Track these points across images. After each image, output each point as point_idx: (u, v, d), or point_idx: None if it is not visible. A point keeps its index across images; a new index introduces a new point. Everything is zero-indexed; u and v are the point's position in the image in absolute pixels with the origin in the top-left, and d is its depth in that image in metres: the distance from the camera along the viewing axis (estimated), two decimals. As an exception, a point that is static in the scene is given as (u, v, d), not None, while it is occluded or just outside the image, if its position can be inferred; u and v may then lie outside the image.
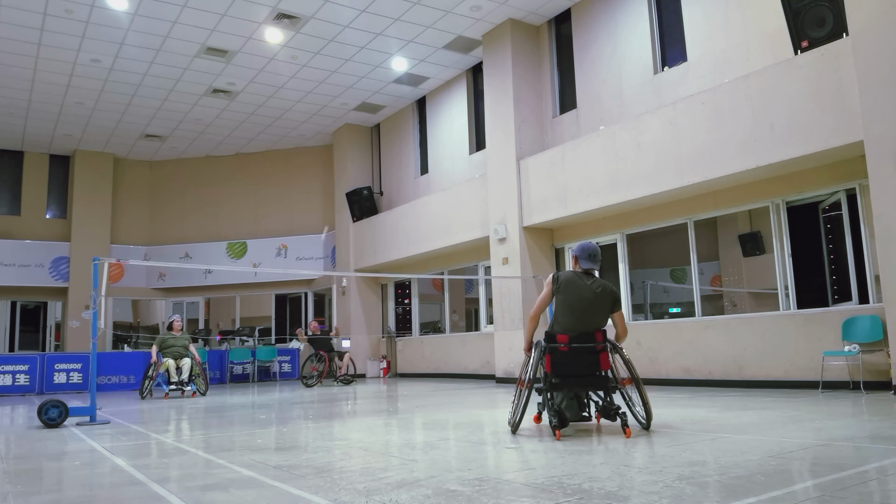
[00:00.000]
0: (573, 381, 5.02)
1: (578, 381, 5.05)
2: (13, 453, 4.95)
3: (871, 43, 7.02)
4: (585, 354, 4.97)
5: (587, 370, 5.00)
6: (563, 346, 4.91)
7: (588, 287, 5.04)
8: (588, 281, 5.08)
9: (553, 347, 4.92)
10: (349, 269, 16.32)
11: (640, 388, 4.93)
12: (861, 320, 7.68)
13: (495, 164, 12.16)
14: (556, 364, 4.91)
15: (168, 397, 10.94)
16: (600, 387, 5.04)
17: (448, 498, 2.96)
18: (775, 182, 8.80)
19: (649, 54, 10.49)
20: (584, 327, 4.98)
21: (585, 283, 5.06)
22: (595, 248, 5.21)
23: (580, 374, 5.01)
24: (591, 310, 5.02)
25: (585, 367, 5.00)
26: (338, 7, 11.27)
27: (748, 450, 3.94)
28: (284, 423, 6.44)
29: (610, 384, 5.00)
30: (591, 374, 5.02)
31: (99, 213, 18.08)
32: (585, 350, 4.96)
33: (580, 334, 4.95)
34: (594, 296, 5.02)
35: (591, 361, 4.99)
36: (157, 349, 11.34)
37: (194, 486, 3.44)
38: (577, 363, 4.97)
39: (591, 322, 5.01)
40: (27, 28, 11.54)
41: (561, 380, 4.95)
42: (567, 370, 4.95)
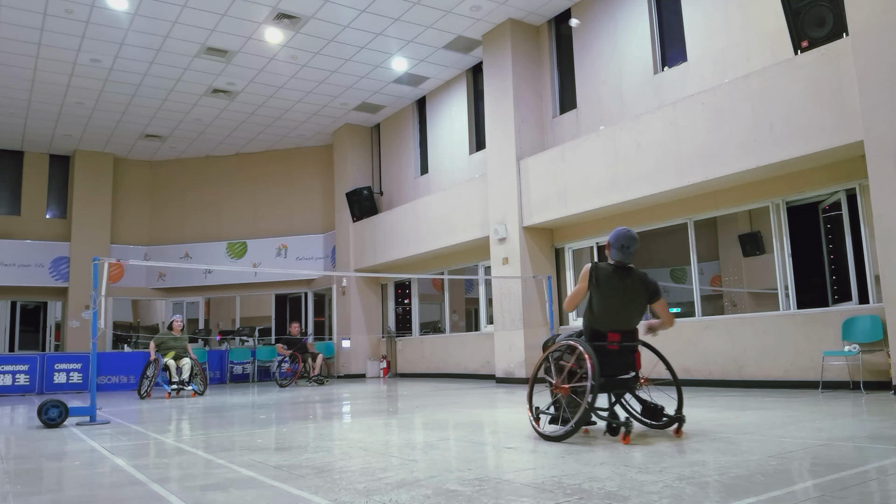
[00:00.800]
0: (614, 382, 4.66)
1: (618, 383, 4.70)
2: (13, 453, 4.95)
3: (871, 43, 7.02)
4: (627, 354, 4.73)
5: (623, 370, 4.73)
6: (613, 345, 4.63)
7: (626, 283, 4.72)
8: (624, 277, 4.73)
9: (600, 346, 4.58)
10: (349, 269, 16.32)
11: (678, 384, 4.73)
12: (861, 320, 7.67)
13: (495, 164, 12.16)
14: (601, 364, 4.47)
15: (170, 397, 10.95)
16: (630, 388, 4.75)
17: (448, 498, 2.96)
18: (775, 182, 8.80)
19: (649, 54, 10.49)
20: (626, 325, 4.73)
21: (624, 279, 4.71)
22: (628, 236, 4.77)
23: (620, 375, 4.70)
24: (630, 307, 4.76)
25: (625, 367, 4.72)
26: (338, 7, 11.27)
27: (748, 450, 3.94)
28: (284, 423, 6.44)
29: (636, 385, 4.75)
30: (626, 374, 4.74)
31: (99, 213, 18.08)
32: (630, 349, 4.73)
33: (626, 333, 4.71)
34: (632, 294, 4.74)
35: (630, 361, 4.76)
36: (155, 347, 11.36)
37: (194, 486, 3.44)
38: (619, 363, 4.69)
39: (632, 320, 4.78)
40: (27, 28, 11.54)
41: (606, 381, 4.54)
42: (608, 371, 4.58)
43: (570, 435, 4.43)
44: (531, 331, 11.47)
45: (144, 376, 11.21)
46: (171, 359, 11.33)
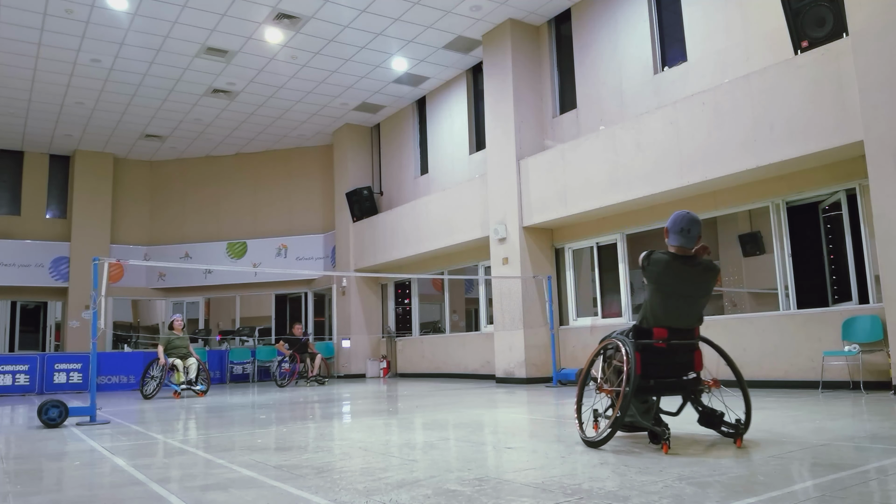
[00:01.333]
0: (665, 384, 4.20)
1: (671, 385, 4.23)
2: (13, 453, 4.95)
3: (871, 43, 7.02)
4: (682, 353, 4.25)
5: (681, 371, 4.27)
6: (660, 343, 4.15)
7: (687, 275, 4.16)
8: (686, 266, 4.18)
9: (647, 344, 4.16)
10: (349, 269, 16.32)
11: (744, 385, 4.28)
12: (861, 320, 7.68)
13: (495, 164, 12.16)
14: (647, 364, 4.10)
15: (179, 396, 10.94)
16: (691, 391, 4.28)
17: (448, 498, 2.96)
18: (775, 182, 8.80)
19: (649, 54, 10.49)
20: (683, 322, 4.21)
21: (684, 270, 4.16)
22: (689, 218, 4.24)
23: (672, 376, 4.24)
24: (689, 301, 4.21)
25: (679, 367, 4.26)
26: (338, 7, 11.27)
27: (748, 450, 3.94)
28: (284, 423, 6.44)
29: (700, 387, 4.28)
30: (683, 376, 4.29)
31: (99, 213, 18.08)
32: (683, 348, 4.24)
33: (679, 329, 4.21)
34: (695, 286, 4.19)
35: (687, 361, 4.28)
36: (164, 349, 11.33)
37: (194, 486, 3.44)
38: (672, 363, 4.24)
39: (689, 316, 4.23)
40: (27, 28, 11.54)
41: (651, 383, 4.13)
42: (659, 371, 4.17)
43: (603, 441, 4.10)
44: (531, 331, 11.48)
45: (150, 377, 11.18)
46: (178, 359, 11.33)
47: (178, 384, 11.19)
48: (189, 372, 11.31)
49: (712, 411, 4.28)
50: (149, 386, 11.08)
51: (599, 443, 4.13)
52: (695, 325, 4.28)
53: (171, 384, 11.27)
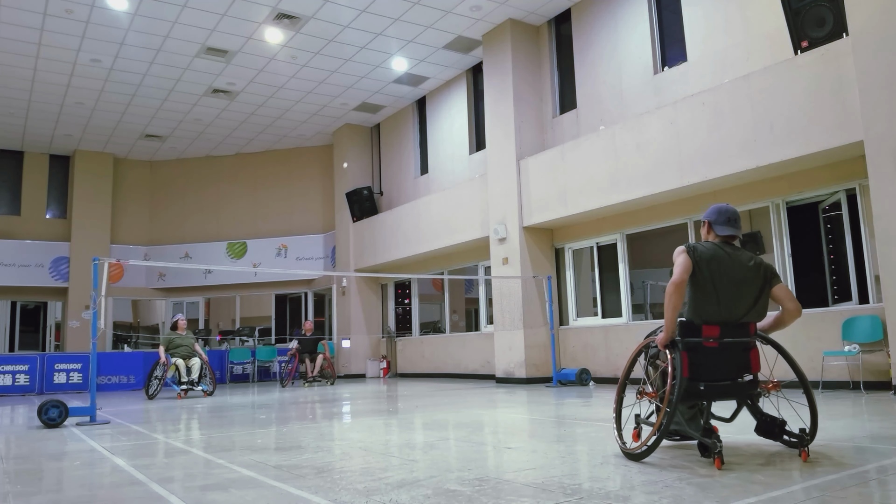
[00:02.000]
0: (717, 388, 3.68)
1: (722, 388, 3.71)
2: (13, 453, 4.95)
3: (871, 43, 7.02)
4: (736, 352, 3.75)
5: (734, 373, 3.77)
6: (711, 342, 3.66)
7: (737, 261, 3.74)
8: (735, 253, 3.78)
9: (695, 343, 3.66)
10: (349, 269, 16.32)
11: (809, 390, 3.86)
12: (861, 320, 7.68)
13: (495, 164, 12.16)
14: (698, 365, 3.64)
15: (182, 397, 10.91)
16: (746, 395, 3.81)
17: (448, 498, 2.96)
18: (775, 182, 8.80)
19: (649, 54, 10.49)
20: (732, 316, 3.71)
21: (733, 257, 3.75)
22: (734, 209, 3.96)
23: (726, 378, 3.74)
24: (744, 291, 3.72)
25: (733, 368, 3.76)
26: (338, 7, 11.27)
27: (748, 450, 3.93)
28: (284, 423, 6.44)
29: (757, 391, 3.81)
30: (738, 379, 3.78)
31: (99, 213, 18.09)
32: (737, 346, 3.74)
33: (732, 325, 3.72)
34: (746, 273, 3.72)
35: (742, 361, 3.77)
36: (165, 349, 11.28)
37: (194, 486, 3.44)
38: (724, 363, 3.73)
39: (740, 309, 3.72)
40: (27, 28, 11.54)
41: (701, 386, 3.63)
42: (709, 373, 3.68)
43: (646, 454, 3.62)
44: (531, 331, 11.48)
45: (153, 377, 11.14)
46: (180, 359, 11.27)
47: (178, 384, 11.15)
48: (191, 372, 11.27)
49: (772, 419, 3.82)
50: (152, 386, 11.04)
51: (641, 455, 3.63)
52: (751, 321, 3.79)
53: (172, 385, 11.23)
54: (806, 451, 3.57)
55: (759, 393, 3.81)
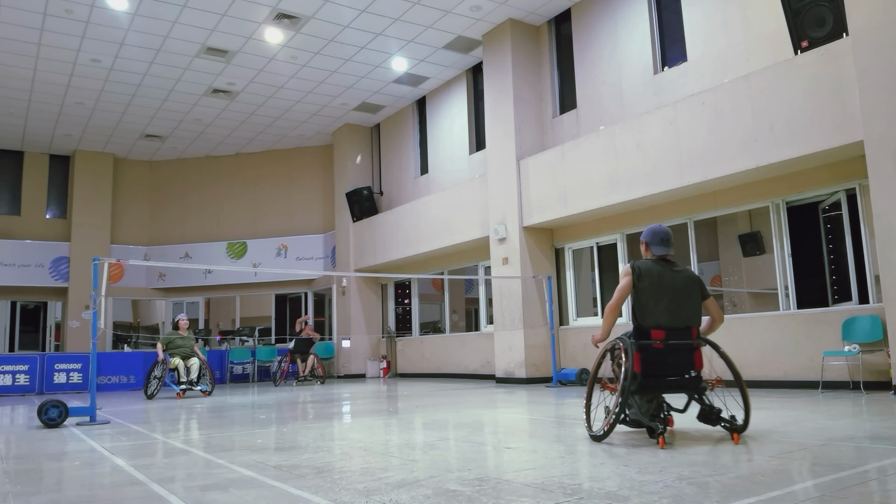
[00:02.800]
0: (666, 382, 4.42)
1: (672, 383, 4.45)
2: (13, 453, 4.95)
3: (871, 43, 7.02)
4: (681, 352, 4.46)
5: (681, 370, 4.48)
6: (657, 343, 4.37)
7: (673, 275, 4.51)
8: (670, 268, 4.55)
9: (645, 345, 4.38)
10: (349, 269, 16.32)
11: (742, 385, 4.49)
12: (861, 320, 7.68)
13: (495, 164, 12.16)
14: (648, 363, 4.34)
15: (181, 397, 10.91)
16: (694, 389, 4.48)
17: (448, 498, 2.96)
18: (775, 182, 8.80)
19: (649, 54, 10.49)
20: (678, 322, 4.44)
21: (669, 271, 4.52)
22: (667, 231, 4.70)
23: (673, 375, 4.46)
24: (682, 300, 4.48)
25: (680, 366, 4.47)
26: (338, 7, 11.27)
27: (748, 450, 3.94)
28: (284, 423, 6.44)
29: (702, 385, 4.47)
30: (684, 375, 4.49)
31: (99, 213, 18.09)
32: (682, 347, 4.45)
33: (676, 329, 4.42)
34: (682, 284, 4.49)
35: (686, 360, 4.48)
36: (164, 347, 11.28)
37: (194, 486, 3.44)
38: (671, 362, 4.45)
39: (686, 315, 4.48)
40: (27, 28, 11.54)
41: (653, 381, 4.37)
42: (659, 370, 4.40)
43: (605, 436, 4.37)
44: (531, 331, 11.48)
45: (152, 376, 11.13)
46: (179, 359, 11.27)
47: (177, 384, 11.15)
48: (190, 372, 11.27)
49: (710, 408, 4.45)
50: (151, 386, 11.04)
51: (601, 437, 4.41)
52: (692, 326, 4.50)
53: (171, 384, 11.22)
54: (738, 435, 4.29)
55: (705, 387, 4.49)
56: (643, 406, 4.48)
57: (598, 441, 4.40)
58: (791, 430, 4.74)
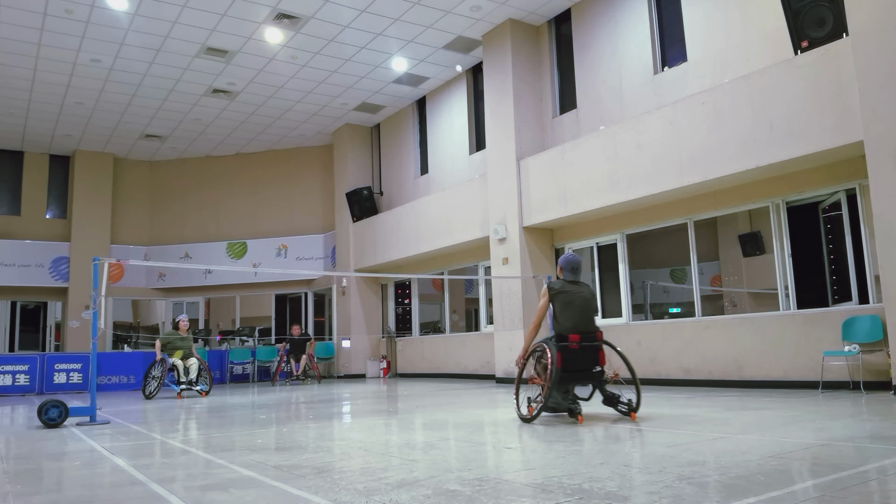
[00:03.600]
0: (579, 375, 5.75)
1: (583, 376, 5.78)
2: (13, 453, 4.95)
3: (871, 43, 7.02)
4: (590, 351, 5.75)
5: (590, 365, 5.76)
6: (574, 345, 5.63)
7: (581, 292, 5.89)
8: (579, 288, 5.92)
9: (564, 346, 5.62)
10: (349, 269, 16.32)
11: (635, 376, 5.76)
12: (861, 320, 7.68)
13: (495, 164, 12.16)
14: (566, 361, 5.58)
15: (181, 397, 10.91)
16: (599, 380, 5.82)
17: (448, 498, 2.96)
18: (775, 182, 8.80)
19: (649, 54, 10.49)
20: (586, 328, 5.77)
21: (578, 290, 5.89)
22: (578, 260, 6.07)
23: (584, 370, 5.75)
24: (588, 312, 5.85)
25: (589, 362, 5.76)
26: (338, 7, 11.27)
27: (748, 450, 3.94)
28: (284, 424, 6.44)
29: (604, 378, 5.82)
30: (591, 369, 5.77)
31: (99, 213, 18.08)
32: (591, 348, 5.75)
33: (585, 334, 5.72)
34: (587, 300, 5.89)
35: (593, 358, 5.78)
36: (161, 347, 11.29)
37: (194, 486, 3.44)
38: (583, 359, 5.72)
39: (591, 322, 5.84)
40: (27, 28, 11.54)
41: (570, 374, 5.63)
42: (574, 366, 5.65)
43: (534, 418, 5.62)
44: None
45: (150, 377, 11.12)
46: (178, 359, 11.27)
47: (177, 384, 11.16)
48: (189, 372, 11.28)
49: (612, 395, 5.78)
50: (150, 386, 11.04)
51: (532, 419, 5.63)
52: (597, 330, 5.84)
53: (171, 385, 11.23)
54: (634, 413, 5.61)
55: (606, 380, 5.84)
56: (561, 395, 5.75)
57: (527, 423, 5.60)
58: (791, 429, 4.74)
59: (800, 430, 4.73)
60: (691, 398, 7.52)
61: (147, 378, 11.13)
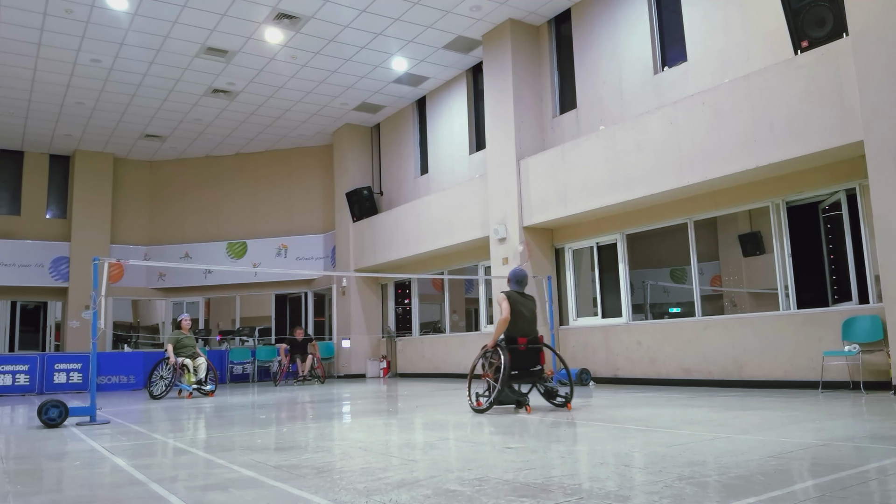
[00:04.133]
0: (525, 373, 6.74)
1: (528, 373, 6.77)
2: (13, 453, 4.95)
3: (871, 43, 7.02)
4: (534, 352, 6.79)
5: (533, 364, 6.79)
6: (522, 347, 6.65)
7: (528, 302, 6.91)
8: (526, 297, 6.92)
9: (514, 347, 6.61)
10: (349, 269, 16.32)
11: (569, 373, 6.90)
12: (861, 320, 7.68)
13: (495, 164, 12.16)
14: (515, 360, 6.56)
15: (191, 397, 10.88)
16: (539, 377, 6.80)
17: (448, 498, 2.96)
18: (775, 182, 8.80)
19: (649, 54, 10.49)
20: (532, 332, 6.81)
21: (526, 301, 6.89)
22: (524, 274, 7.08)
23: (529, 368, 6.76)
24: (534, 320, 6.89)
25: (533, 362, 6.79)
26: (338, 7, 11.27)
27: (748, 450, 3.94)
28: (284, 423, 6.44)
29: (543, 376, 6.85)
30: (535, 368, 6.79)
31: (99, 213, 18.09)
32: (534, 349, 6.79)
33: (531, 338, 6.75)
34: (533, 310, 6.92)
35: (536, 358, 6.82)
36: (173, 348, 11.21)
37: (194, 486, 3.44)
38: (528, 359, 6.73)
39: (535, 329, 6.88)
40: (27, 28, 11.54)
41: (518, 372, 6.64)
42: (521, 365, 6.66)
43: (486, 410, 6.53)
44: (531, 331, 11.46)
45: (158, 377, 11.04)
46: (188, 358, 11.22)
47: (189, 385, 11.11)
48: (199, 372, 11.25)
49: (550, 389, 6.80)
50: (158, 386, 10.92)
51: (484, 411, 6.55)
52: (539, 334, 6.90)
53: (181, 385, 11.16)
54: (570, 404, 6.71)
55: (545, 378, 6.85)
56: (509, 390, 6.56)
57: (481, 413, 6.48)
58: (791, 430, 4.74)
59: (800, 430, 4.73)
60: (691, 398, 7.52)
61: (152, 378, 11.07)
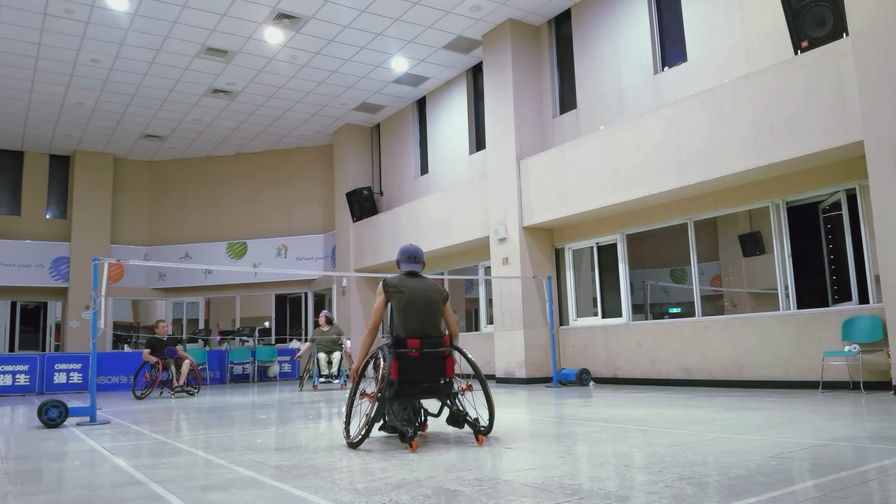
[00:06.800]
0: (421, 388, 4.72)
1: (426, 388, 4.75)
2: (13, 453, 4.95)
3: (871, 43, 7.02)
4: (435, 360, 4.75)
5: (435, 377, 4.77)
6: (414, 352, 4.64)
7: (421, 288, 4.87)
8: (418, 282, 4.91)
9: (402, 353, 4.62)
10: (349, 269, 16.32)
11: (487, 390, 4.90)
12: (861, 320, 7.68)
13: (495, 164, 12.16)
14: (404, 371, 4.61)
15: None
16: (446, 394, 4.83)
17: (448, 498, 2.96)
18: (775, 182, 8.80)
19: (649, 54, 10.49)
20: (430, 331, 4.78)
21: (417, 285, 4.88)
22: (414, 248, 5.08)
23: (428, 381, 4.74)
24: (430, 311, 4.83)
25: (433, 373, 4.76)
26: (338, 7, 11.27)
27: (748, 450, 3.94)
28: (284, 424, 6.44)
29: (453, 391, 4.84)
30: (438, 381, 4.78)
31: (99, 213, 18.08)
32: (435, 355, 4.75)
33: (430, 338, 4.74)
34: (429, 299, 4.86)
35: (439, 367, 4.78)
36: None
37: (194, 486, 3.44)
38: (426, 369, 4.72)
39: (432, 325, 4.82)
40: (27, 28, 11.54)
41: (409, 387, 4.64)
42: (416, 377, 4.67)
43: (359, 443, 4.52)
44: (531, 331, 11.47)
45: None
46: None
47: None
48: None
49: (458, 412, 4.79)
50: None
51: (356, 444, 4.53)
52: (443, 334, 4.85)
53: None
54: (482, 436, 4.61)
55: (456, 393, 4.82)
56: (399, 413, 4.80)
57: (353, 448, 4.50)
58: (791, 430, 4.74)
59: (800, 430, 4.73)
60: (691, 398, 7.52)
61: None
